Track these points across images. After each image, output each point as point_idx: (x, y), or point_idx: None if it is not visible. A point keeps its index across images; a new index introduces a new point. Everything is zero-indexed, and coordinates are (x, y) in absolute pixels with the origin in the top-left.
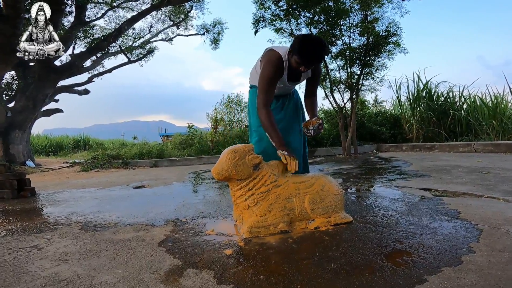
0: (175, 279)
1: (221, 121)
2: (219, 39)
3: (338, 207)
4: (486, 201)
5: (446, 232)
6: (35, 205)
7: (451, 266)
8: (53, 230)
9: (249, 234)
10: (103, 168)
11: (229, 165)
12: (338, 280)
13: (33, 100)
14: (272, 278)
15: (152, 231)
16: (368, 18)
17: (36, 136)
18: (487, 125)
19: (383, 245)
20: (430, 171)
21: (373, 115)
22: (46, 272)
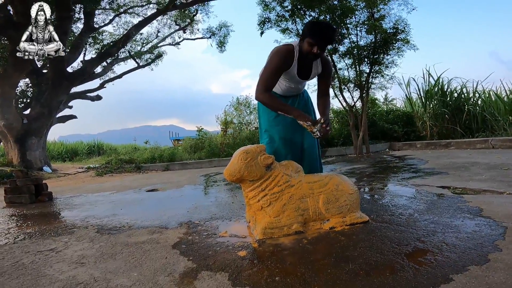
0: (189, 281)
1: (230, 123)
2: (225, 41)
3: (353, 206)
4: (509, 198)
5: (470, 230)
6: (53, 209)
7: (478, 265)
8: (70, 234)
9: (262, 235)
10: (117, 172)
11: (241, 166)
12: (357, 281)
13: (48, 107)
14: (288, 279)
15: (165, 233)
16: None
17: (52, 143)
18: (504, 120)
19: (403, 244)
20: (447, 169)
21: (384, 113)
22: (64, 275)
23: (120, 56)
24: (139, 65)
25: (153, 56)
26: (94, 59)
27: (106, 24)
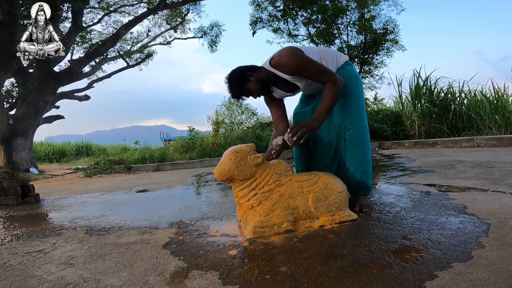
0: (180, 281)
1: (222, 123)
2: (216, 41)
3: (342, 204)
4: (492, 195)
5: (454, 227)
6: (40, 211)
7: (462, 261)
8: (58, 235)
9: (253, 234)
10: (106, 173)
11: (231, 166)
12: (345, 278)
13: (34, 107)
14: (278, 277)
15: (156, 233)
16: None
17: (39, 143)
18: (490, 119)
19: (390, 241)
20: (434, 167)
21: (374, 112)
22: (52, 276)
23: (109, 56)
24: (129, 64)
25: (143, 56)
26: (82, 59)
27: (95, 23)
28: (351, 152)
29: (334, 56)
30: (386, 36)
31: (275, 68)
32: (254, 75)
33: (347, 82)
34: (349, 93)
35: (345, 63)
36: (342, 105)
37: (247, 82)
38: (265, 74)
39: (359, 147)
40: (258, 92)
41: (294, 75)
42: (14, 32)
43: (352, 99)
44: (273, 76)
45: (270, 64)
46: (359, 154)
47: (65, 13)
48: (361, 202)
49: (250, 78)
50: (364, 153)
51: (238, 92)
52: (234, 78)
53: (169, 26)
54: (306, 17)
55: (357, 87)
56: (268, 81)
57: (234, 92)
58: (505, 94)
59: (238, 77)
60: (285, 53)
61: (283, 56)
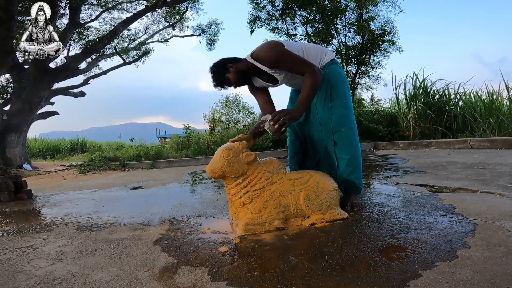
0: (169, 276)
1: (218, 121)
2: (215, 39)
3: (333, 203)
4: (482, 196)
5: (441, 227)
6: (32, 207)
7: (446, 261)
8: (49, 231)
9: (244, 231)
10: (101, 170)
11: (223, 163)
12: (332, 276)
13: (29, 103)
14: (266, 274)
15: (148, 230)
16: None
17: (33, 140)
18: (484, 121)
19: (378, 240)
20: (426, 168)
21: (370, 113)
22: (41, 271)
23: (106, 52)
24: (125, 61)
25: (140, 53)
26: (78, 55)
27: (93, 20)
28: (340, 153)
29: (318, 53)
30: (383, 37)
31: (255, 60)
32: (234, 66)
33: (331, 82)
34: (335, 94)
35: (331, 62)
36: (328, 106)
37: (227, 72)
38: (245, 65)
39: (347, 147)
40: (236, 82)
41: (273, 67)
42: (10, 28)
43: (338, 100)
44: (253, 67)
45: (251, 56)
46: (347, 154)
47: (63, 10)
48: (352, 201)
49: (230, 69)
50: (353, 154)
51: (219, 81)
52: (216, 68)
53: (167, 23)
54: (305, 16)
55: (343, 87)
56: (248, 72)
57: (215, 81)
58: (500, 97)
59: (219, 68)
60: (265, 46)
61: (262, 49)
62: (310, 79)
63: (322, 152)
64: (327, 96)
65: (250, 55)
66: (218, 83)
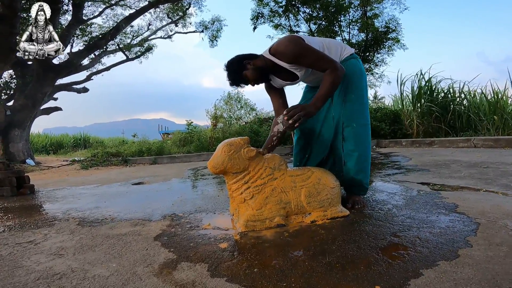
0: (168, 272)
1: (220, 117)
2: (218, 36)
3: (334, 200)
4: (484, 195)
5: (443, 225)
6: (34, 202)
7: (448, 260)
8: (50, 226)
9: (245, 227)
10: (103, 165)
11: (225, 158)
12: (332, 274)
13: (32, 99)
14: (266, 271)
15: (148, 225)
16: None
17: (36, 135)
18: (488, 120)
19: (379, 238)
20: (429, 166)
21: (372, 111)
22: (41, 266)
23: (109, 49)
24: (128, 57)
25: (143, 49)
26: (82, 51)
27: (96, 16)
28: (348, 149)
29: (338, 48)
30: (388, 35)
31: (274, 56)
32: (251, 62)
33: (349, 76)
34: (351, 88)
35: (350, 56)
36: (342, 100)
37: (245, 69)
38: (263, 62)
39: (357, 145)
40: (255, 79)
41: (293, 63)
42: (13, 25)
43: (354, 94)
44: (271, 64)
45: (269, 52)
46: (356, 152)
47: (66, 6)
48: (354, 199)
49: (248, 66)
50: (362, 151)
51: (236, 79)
52: (232, 65)
53: (170, 20)
54: (308, 13)
55: (361, 82)
56: (266, 69)
57: (232, 79)
58: (505, 96)
59: (236, 65)
60: (284, 40)
61: (281, 43)
62: (332, 76)
63: (328, 150)
64: (342, 89)
65: (268, 51)
66: (235, 81)
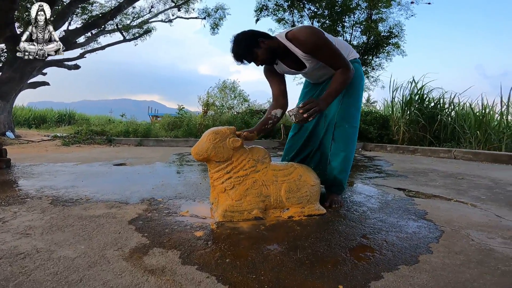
0: (139, 257)
1: (212, 105)
2: (219, 24)
3: (313, 198)
4: (455, 205)
5: (410, 231)
6: (8, 177)
7: (408, 265)
8: (21, 204)
9: (222, 217)
10: (86, 143)
11: (209, 146)
12: (301, 270)
13: (20, 72)
14: (237, 262)
15: (124, 208)
16: (372, 17)
17: (20, 108)
18: (471, 134)
19: (349, 239)
20: (408, 173)
21: (363, 114)
22: (6, 245)
23: (107, 28)
24: (125, 38)
25: (141, 31)
26: (79, 29)
27: None
28: (336, 149)
29: (346, 49)
30: (389, 40)
31: (290, 41)
32: (266, 42)
33: (352, 79)
34: (351, 91)
35: (354, 60)
36: (339, 101)
37: (257, 47)
38: (276, 44)
39: (345, 145)
40: (264, 60)
41: (309, 53)
42: (14, 1)
43: (352, 98)
44: (283, 48)
45: (286, 36)
46: (343, 152)
47: None
48: (332, 198)
49: (261, 44)
50: (349, 152)
51: (244, 55)
52: (244, 39)
53: (173, 3)
54: (313, 10)
55: (359, 88)
56: (277, 52)
57: (239, 54)
58: (492, 111)
59: (249, 39)
60: (306, 30)
61: (303, 32)
62: (344, 75)
63: (316, 146)
64: None
65: (284, 35)
66: (241, 56)
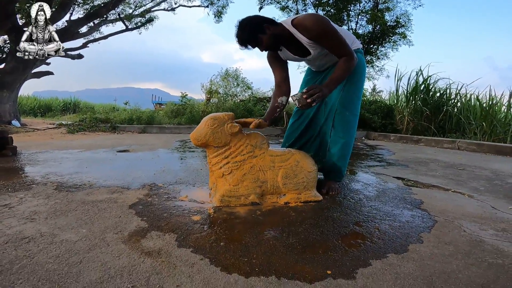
0: (137, 239)
1: (215, 93)
2: (223, 12)
3: (310, 184)
4: (451, 195)
5: (404, 220)
6: (14, 164)
7: (397, 253)
8: (27, 189)
9: (220, 202)
10: (90, 131)
11: (207, 132)
12: (292, 254)
13: (24, 62)
14: (231, 245)
15: (126, 193)
16: (379, 6)
17: (25, 97)
18: (477, 125)
19: (343, 226)
20: (409, 162)
21: (368, 103)
22: (11, 230)
23: (109, 18)
24: (128, 27)
25: (144, 20)
26: (81, 20)
27: None
28: (336, 136)
29: (350, 39)
30: (396, 29)
31: (296, 28)
32: (271, 28)
33: (355, 68)
34: (353, 80)
35: (357, 50)
36: (340, 89)
37: (262, 32)
38: (282, 31)
39: (345, 132)
40: (268, 45)
41: (314, 39)
42: None
43: (353, 86)
44: (288, 35)
45: (291, 23)
46: (343, 139)
47: None
48: (330, 185)
49: (267, 30)
50: (347, 140)
51: (248, 40)
52: (250, 25)
53: None
54: None
55: (361, 77)
56: (282, 38)
57: (244, 39)
58: (499, 103)
59: (254, 25)
60: (312, 17)
61: (310, 19)
62: (348, 62)
63: (316, 132)
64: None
65: (290, 22)
66: (246, 41)
